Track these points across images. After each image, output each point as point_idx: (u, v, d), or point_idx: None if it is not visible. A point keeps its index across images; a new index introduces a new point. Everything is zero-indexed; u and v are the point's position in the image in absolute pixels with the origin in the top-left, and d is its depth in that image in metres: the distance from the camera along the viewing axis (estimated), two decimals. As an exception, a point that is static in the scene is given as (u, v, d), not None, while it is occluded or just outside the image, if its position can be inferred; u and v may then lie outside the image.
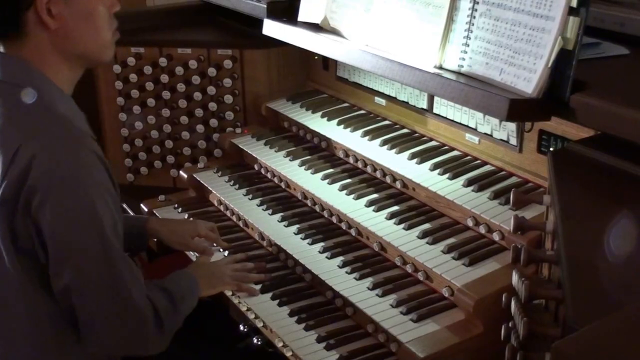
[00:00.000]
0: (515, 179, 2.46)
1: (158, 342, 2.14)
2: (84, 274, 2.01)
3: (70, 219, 1.97)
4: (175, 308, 2.18)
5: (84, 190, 1.97)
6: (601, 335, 1.25)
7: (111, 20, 2.17)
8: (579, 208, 1.74)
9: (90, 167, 2.00)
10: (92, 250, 2.00)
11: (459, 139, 2.70)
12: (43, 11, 2.02)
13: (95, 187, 1.99)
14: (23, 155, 1.94)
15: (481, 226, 2.34)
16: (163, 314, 2.13)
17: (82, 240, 1.99)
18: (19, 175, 1.94)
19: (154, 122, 3.46)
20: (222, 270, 2.50)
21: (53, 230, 1.96)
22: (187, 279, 2.34)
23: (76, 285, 2.00)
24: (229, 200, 2.97)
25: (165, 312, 2.14)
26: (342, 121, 3.04)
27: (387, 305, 2.26)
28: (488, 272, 2.19)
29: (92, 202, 1.98)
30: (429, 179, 2.55)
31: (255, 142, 3.22)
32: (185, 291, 2.28)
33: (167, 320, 2.14)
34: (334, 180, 2.80)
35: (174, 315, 2.17)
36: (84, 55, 2.13)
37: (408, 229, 2.44)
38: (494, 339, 1.83)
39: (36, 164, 1.93)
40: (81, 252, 1.99)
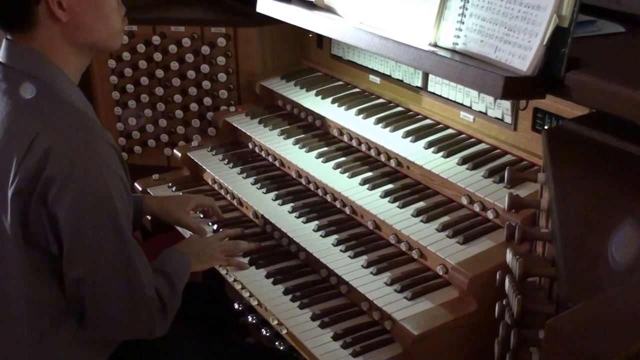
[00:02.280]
0: (509, 157, 2.46)
1: (163, 326, 2.16)
2: (98, 263, 2.02)
3: (88, 209, 1.97)
4: (174, 290, 2.20)
5: (102, 181, 1.98)
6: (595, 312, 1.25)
7: (120, 7, 2.17)
8: (573, 186, 1.74)
9: (106, 158, 2.01)
10: (107, 239, 2.01)
11: (453, 117, 2.70)
12: (54, 4, 2.03)
13: (112, 178, 2.00)
14: (39, 146, 1.93)
15: (475, 204, 2.34)
16: (166, 299, 2.15)
17: (98, 230, 2.00)
18: (35, 166, 1.93)
19: (147, 101, 3.44)
20: (212, 246, 2.52)
21: (70, 220, 1.96)
22: (179, 258, 2.35)
23: (90, 275, 2.01)
24: (223, 178, 2.96)
25: (168, 296, 2.16)
26: (337, 99, 3.03)
27: (382, 283, 2.26)
28: (482, 250, 2.19)
29: (109, 193, 1.99)
30: (424, 157, 2.55)
31: (249, 120, 3.21)
32: (179, 271, 2.29)
33: (169, 303, 2.16)
34: (328, 159, 2.79)
35: (174, 297, 2.19)
36: (94, 45, 2.14)
37: (402, 207, 2.44)
38: (488, 316, 1.84)
39: (54, 155, 1.93)
40: (97, 241, 2.00)
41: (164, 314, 2.15)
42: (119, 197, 2.02)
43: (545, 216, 1.84)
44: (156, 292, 2.13)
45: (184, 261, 2.35)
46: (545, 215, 1.83)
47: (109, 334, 2.16)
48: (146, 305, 2.09)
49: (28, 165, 1.94)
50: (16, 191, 1.96)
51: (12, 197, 1.96)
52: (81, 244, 1.99)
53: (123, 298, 2.06)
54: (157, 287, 2.15)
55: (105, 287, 2.04)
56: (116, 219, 2.01)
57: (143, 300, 2.08)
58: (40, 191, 1.94)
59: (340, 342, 2.16)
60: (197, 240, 2.57)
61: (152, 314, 2.11)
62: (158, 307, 2.12)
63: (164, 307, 2.14)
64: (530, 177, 1.97)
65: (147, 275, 2.10)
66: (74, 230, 1.98)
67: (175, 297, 2.20)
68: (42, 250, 2.02)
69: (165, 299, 2.14)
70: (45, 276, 2.05)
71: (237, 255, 2.54)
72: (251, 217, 2.80)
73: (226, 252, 2.52)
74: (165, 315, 2.15)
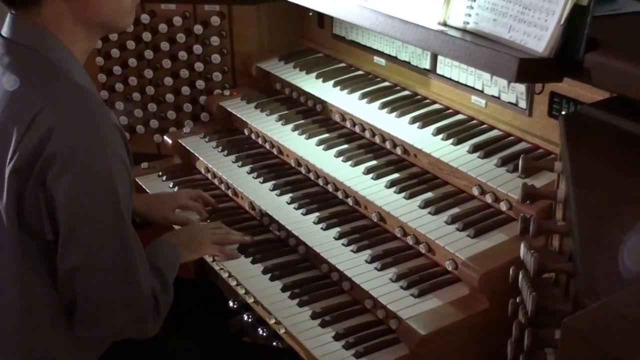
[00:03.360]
0: (524, 145, 2.46)
1: (155, 325, 2.17)
2: (95, 251, 2.02)
3: (88, 192, 1.98)
4: (166, 287, 2.20)
5: (105, 163, 1.98)
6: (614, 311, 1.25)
7: None
8: (592, 175, 1.73)
9: (111, 139, 2.01)
10: (106, 226, 2.01)
11: (464, 101, 2.69)
12: None
13: (115, 161, 2.01)
14: (41, 124, 1.94)
15: (487, 195, 2.34)
16: (159, 296, 2.15)
17: (98, 215, 2.00)
18: (36, 144, 1.94)
19: (135, 84, 3.44)
20: (201, 235, 2.52)
21: (68, 202, 1.96)
22: (168, 249, 2.35)
23: (85, 264, 2.01)
24: (217, 167, 2.96)
25: (160, 293, 2.16)
26: (339, 82, 3.03)
27: (387, 279, 2.27)
28: (494, 244, 2.20)
29: (112, 176, 1.99)
30: (432, 144, 2.55)
31: (245, 105, 3.21)
32: (169, 265, 2.29)
33: (162, 301, 2.16)
34: (330, 146, 2.79)
35: (166, 295, 2.20)
36: (103, 23, 2.14)
37: (409, 198, 2.45)
38: (500, 315, 1.84)
39: (56, 133, 1.93)
40: (95, 228, 2.00)
41: (157, 313, 2.15)
42: (122, 182, 2.03)
43: (562, 208, 1.84)
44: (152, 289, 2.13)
45: (172, 253, 2.35)
46: (562, 206, 1.84)
47: (100, 333, 2.16)
48: (141, 302, 2.09)
49: (28, 143, 1.95)
50: (14, 169, 1.96)
51: (9, 175, 1.97)
52: (78, 230, 1.99)
53: (117, 293, 2.06)
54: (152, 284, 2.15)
55: (99, 280, 2.04)
56: (117, 205, 2.01)
57: (138, 296, 2.08)
58: (39, 170, 1.95)
59: (342, 342, 2.17)
60: (185, 228, 2.58)
61: (146, 312, 2.11)
62: (152, 305, 2.13)
63: (157, 305, 2.14)
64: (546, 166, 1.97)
65: (144, 270, 2.10)
66: (71, 214, 1.98)
67: (167, 294, 2.20)
68: (36, 237, 2.02)
69: (159, 297, 2.15)
70: (38, 269, 2.04)
71: (229, 245, 2.55)
72: (247, 209, 2.80)
73: (216, 241, 2.53)
74: (158, 314, 2.16)
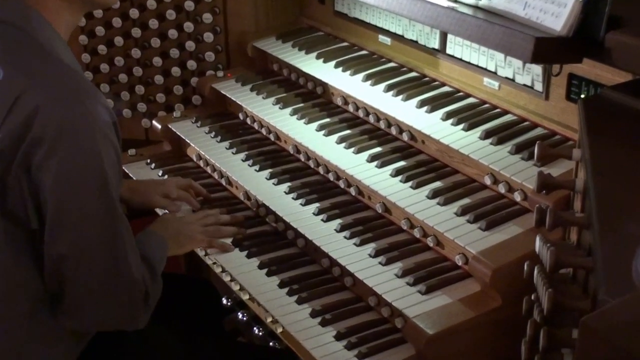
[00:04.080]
0: (540, 131, 2.46)
1: (145, 317, 2.18)
2: (83, 239, 2.03)
3: (76, 177, 1.98)
4: (155, 277, 2.22)
5: (94, 147, 1.99)
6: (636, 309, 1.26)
7: None
8: (613, 163, 1.74)
9: (100, 121, 2.01)
10: (95, 212, 2.02)
11: (475, 84, 2.69)
12: None
13: (104, 144, 2.01)
14: (25, 104, 1.94)
15: (500, 184, 2.34)
16: (149, 286, 2.16)
17: (86, 201, 2.01)
18: (19, 127, 1.94)
19: (122, 64, 3.44)
20: (191, 227, 2.53)
21: (55, 188, 1.97)
22: (156, 241, 2.37)
23: (73, 252, 2.02)
24: (210, 154, 2.96)
25: (150, 283, 2.17)
26: (341, 63, 3.03)
27: (392, 275, 2.27)
28: (508, 237, 2.20)
29: (101, 160, 2.00)
30: (441, 130, 2.55)
31: (239, 87, 3.20)
32: (159, 256, 2.30)
33: (151, 291, 2.17)
34: (331, 132, 2.80)
35: (155, 285, 2.21)
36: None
37: (416, 188, 2.45)
38: (514, 313, 1.85)
39: (42, 115, 1.93)
40: (84, 214, 2.01)
41: (146, 303, 2.16)
42: (111, 167, 2.03)
43: (580, 198, 1.84)
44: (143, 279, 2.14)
45: (162, 245, 2.36)
46: (580, 197, 1.84)
47: (87, 323, 2.16)
48: (132, 291, 2.11)
49: (11, 126, 1.95)
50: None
51: None
52: (66, 217, 2.00)
53: (107, 281, 2.07)
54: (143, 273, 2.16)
55: (88, 267, 2.05)
56: (107, 190, 2.02)
57: (129, 285, 2.10)
58: (23, 155, 1.95)
59: (343, 342, 2.17)
60: (174, 221, 2.58)
61: (137, 302, 2.13)
62: (143, 293, 2.13)
63: (147, 295, 2.15)
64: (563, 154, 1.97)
65: (135, 258, 2.11)
66: (58, 201, 1.98)
67: (156, 285, 2.21)
68: (20, 224, 2.02)
69: (148, 287, 2.16)
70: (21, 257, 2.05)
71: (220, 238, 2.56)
72: (242, 199, 2.80)
73: (207, 233, 2.54)
74: (147, 305, 2.17)
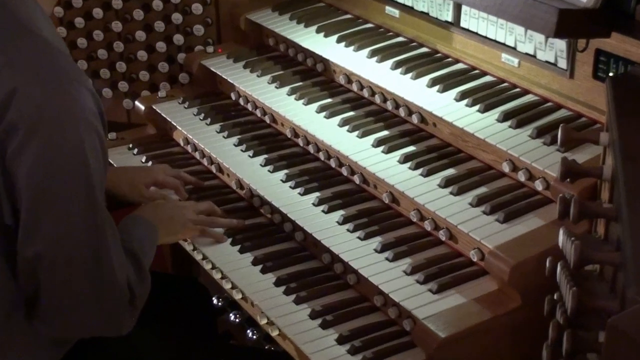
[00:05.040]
0: (564, 112, 2.46)
1: (130, 321, 2.17)
2: (62, 236, 2.02)
3: (55, 167, 1.98)
4: (142, 274, 2.20)
5: (76, 134, 1.98)
6: (670, 309, 1.26)
7: None
8: (645, 149, 1.74)
9: (83, 106, 2.01)
10: (76, 206, 2.01)
11: (493, 60, 2.69)
12: None
13: (88, 131, 2.00)
14: (0, 86, 1.93)
15: (520, 172, 2.34)
16: (134, 286, 2.15)
17: (66, 194, 2.00)
18: None
19: (101, 39, 3.44)
20: (182, 213, 2.54)
21: (32, 180, 1.96)
22: (144, 229, 2.36)
23: (50, 251, 2.01)
24: (199, 138, 2.97)
25: (135, 282, 2.16)
26: (344, 37, 3.03)
27: (400, 272, 2.27)
28: (528, 231, 2.20)
29: (83, 149, 1.99)
30: (455, 111, 2.55)
31: (232, 64, 3.20)
32: (146, 247, 2.29)
33: (137, 292, 2.16)
34: (333, 113, 2.80)
35: (142, 284, 2.19)
36: None
37: (427, 176, 2.45)
38: (535, 314, 1.85)
39: (19, 98, 1.93)
40: (63, 208, 2.00)
41: (132, 306, 2.15)
42: (95, 157, 2.02)
43: (608, 187, 1.84)
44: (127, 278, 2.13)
45: (151, 233, 2.36)
46: (608, 186, 1.84)
47: (66, 331, 2.15)
48: (115, 295, 2.10)
49: None
50: None
51: None
52: (42, 213, 1.99)
53: (88, 285, 2.06)
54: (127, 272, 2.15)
55: (67, 270, 2.04)
56: (89, 183, 2.01)
57: (112, 288, 2.09)
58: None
59: (346, 346, 2.17)
60: (165, 205, 2.59)
61: (121, 307, 2.12)
62: (128, 295, 2.13)
63: (133, 298, 2.15)
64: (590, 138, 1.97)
65: (118, 258, 2.11)
66: (35, 194, 1.98)
67: (143, 284, 2.20)
68: None
69: (134, 287, 2.15)
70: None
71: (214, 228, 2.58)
72: (234, 188, 2.80)
73: (200, 221, 2.55)
74: (134, 308, 2.16)
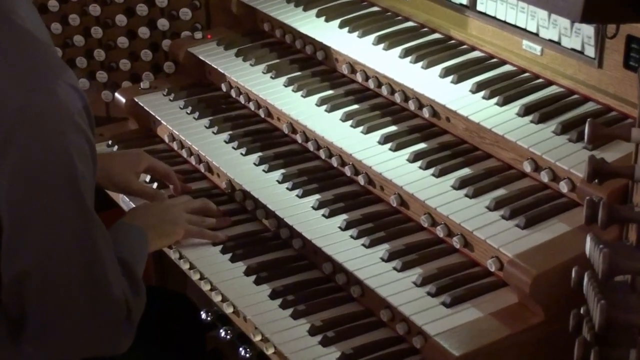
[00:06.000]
0: (592, 106, 2.46)
1: (129, 338, 2.18)
2: (50, 249, 2.02)
3: (39, 173, 1.98)
4: (137, 286, 2.21)
5: (61, 137, 1.98)
6: None
7: None
8: (681, 146, 1.74)
9: (69, 105, 2.01)
10: (64, 216, 2.02)
11: (513, 48, 2.69)
12: None
13: (73, 133, 2.01)
14: None
15: (543, 172, 2.34)
16: (130, 299, 2.16)
17: (53, 203, 2.00)
18: None
19: (77, 24, 3.44)
20: (175, 214, 2.55)
21: (13, 188, 1.96)
22: (134, 235, 2.37)
23: (38, 267, 2.01)
24: (186, 134, 2.97)
25: (131, 295, 2.16)
26: (347, 22, 3.03)
27: (409, 283, 2.27)
28: (551, 237, 2.20)
29: (69, 153, 1.99)
30: (470, 104, 2.55)
31: (222, 51, 3.21)
32: (138, 255, 2.30)
33: (134, 305, 2.17)
34: (335, 107, 2.80)
35: (138, 296, 2.20)
36: None
37: (439, 176, 2.45)
38: (559, 330, 1.85)
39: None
40: (50, 220, 2.01)
41: (129, 321, 2.16)
42: (83, 161, 2.03)
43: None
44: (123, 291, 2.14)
45: (141, 240, 2.37)
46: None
47: (60, 353, 2.15)
48: (112, 310, 2.10)
49: None
50: None
51: None
52: (27, 224, 2.00)
53: (82, 300, 2.06)
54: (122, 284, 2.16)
55: (58, 286, 2.04)
56: (76, 189, 2.01)
57: (108, 303, 2.09)
58: None
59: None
60: (154, 206, 2.60)
61: (119, 322, 2.12)
62: (125, 312, 2.13)
63: (129, 312, 2.15)
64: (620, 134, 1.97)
65: (113, 270, 2.11)
66: (17, 204, 1.98)
67: (139, 296, 2.21)
68: None
69: (130, 300, 2.16)
70: None
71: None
72: (224, 189, 2.80)
73: (195, 222, 2.57)
74: (131, 323, 2.17)
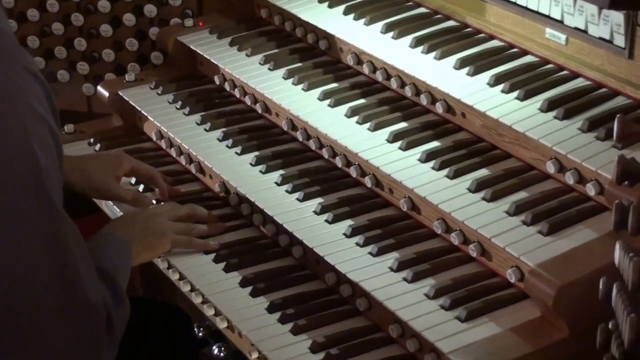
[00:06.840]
0: (621, 100, 2.46)
1: (111, 350, 2.18)
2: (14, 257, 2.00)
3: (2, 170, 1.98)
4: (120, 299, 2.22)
5: (19, 127, 1.98)
6: None
7: None
8: None
9: (27, 92, 2.01)
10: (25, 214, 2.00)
11: (535, 37, 2.69)
12: None
13: (34, 122, 2.00)
14: None
15: (568, 173, 2.34)
16: (111, 310, 2.16)
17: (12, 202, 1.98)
18: None
19: (56, 10, 3.44)
20: (160, 223, 2.55)
21: None
22: (116, 247, 2.37)
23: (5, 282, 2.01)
24: (175, 131, 2.97)
25: (112, 306, 2.17)
26: (353, 8, 3.03)
27: (421, 295, 2.27)
28: (577, 245, 2.20)
29: (29, 145, 1.98)
30: (488, 99, 2.55)
31: (215, 40, 3.22)
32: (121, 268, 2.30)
33: (115, 317, 2.17)
34: (340, 101, 2.80)
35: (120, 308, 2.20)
36: None
37: (454, 178, 2.45)
38: (586, 346, 1.85)
39: None
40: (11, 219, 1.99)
41: (110, 333, 2.15)
42: (45, 152, 2.02)
43: (676, 192, 1.84)
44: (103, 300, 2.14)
45: (123, 252, 2.37)
46: (676, 190, 1.84)
47: None
48: (90, 319, 2.10)
49: None
50: None
51: None
52: None
53: (56, 313, 2.05)
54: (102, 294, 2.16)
55: (26, 297, 2.03)
56: (41, 184, 2.00)
57: (84, 306, 2.08)
58: None
59: (355, 385, 2.19)
60: (137, 215, 2.60)
61: (98, 333, 2.12)
62: (104, 320, 2.13)
63: (109, 323, 2.15)
64: (653, 131, 1.98)
65: (89, 274, 2.11)
66: None
67: (121, 309, 2.21)
68: None
69: (111, 312, 2.16)
70: None
71: None
72: (217, 192, 2.81)
73: (183, 230, 2.57)
74: (112, 335, 2.16)
